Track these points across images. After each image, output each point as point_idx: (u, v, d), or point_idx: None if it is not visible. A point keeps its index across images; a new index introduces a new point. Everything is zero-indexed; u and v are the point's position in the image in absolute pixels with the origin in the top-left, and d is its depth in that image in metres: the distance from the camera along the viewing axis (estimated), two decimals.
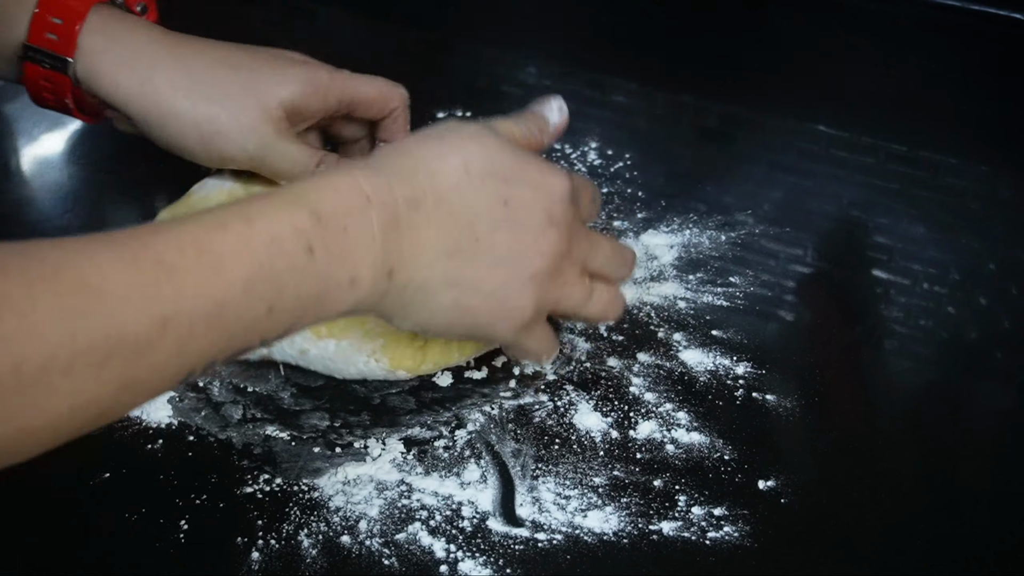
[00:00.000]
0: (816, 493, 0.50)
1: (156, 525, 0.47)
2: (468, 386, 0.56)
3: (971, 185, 0.72)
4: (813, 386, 0.56)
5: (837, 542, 0.49)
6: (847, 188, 0.71)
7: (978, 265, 0.65)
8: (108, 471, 0.50)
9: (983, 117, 0.79)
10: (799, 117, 0.77)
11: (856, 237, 0.68)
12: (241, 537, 0.47)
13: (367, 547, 0.47)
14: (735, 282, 0.63)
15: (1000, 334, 0.61)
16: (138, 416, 0.53)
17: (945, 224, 0.68)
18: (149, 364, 0.36)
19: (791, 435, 0.54)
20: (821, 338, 0.61)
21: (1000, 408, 0.58)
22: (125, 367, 0.35)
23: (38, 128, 0.75)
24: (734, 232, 0.67)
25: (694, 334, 0.59)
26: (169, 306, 0.36)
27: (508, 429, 0.53)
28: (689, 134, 0.80)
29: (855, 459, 0.53)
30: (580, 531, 0.48)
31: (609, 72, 0.83)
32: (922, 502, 0.51)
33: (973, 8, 0.85)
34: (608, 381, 0.56)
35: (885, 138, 0.75)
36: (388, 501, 0.49)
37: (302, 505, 0.49)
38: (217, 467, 0.51)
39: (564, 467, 0.51)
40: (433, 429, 0.53)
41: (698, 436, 0.53)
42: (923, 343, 0.61)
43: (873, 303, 0.63)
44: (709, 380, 0.56)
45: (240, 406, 0.54)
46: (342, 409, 0.54)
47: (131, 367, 0.36)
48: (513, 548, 0.47)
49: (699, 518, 0.49)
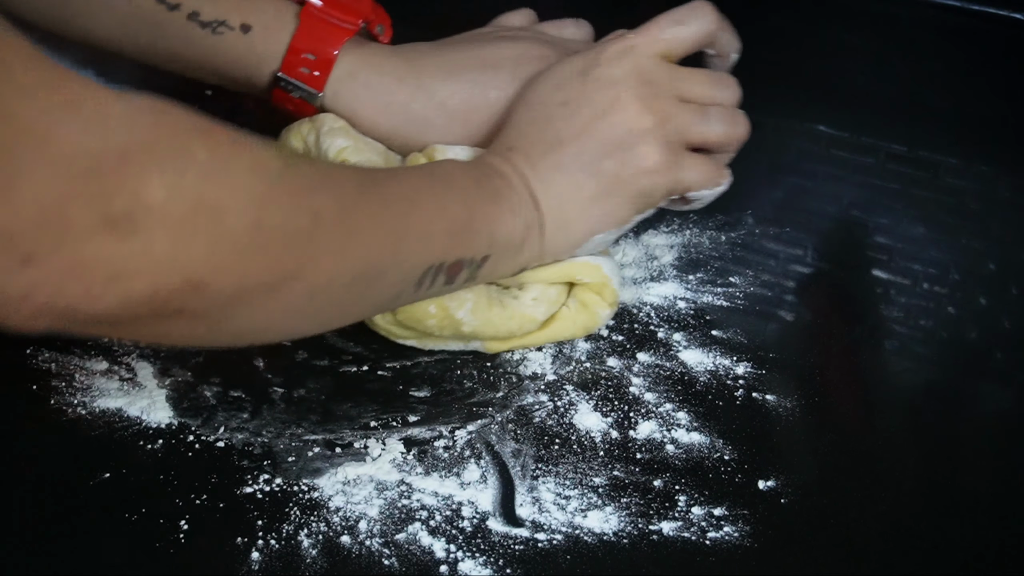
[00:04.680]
0: (816, 493, 0.50)
1: (156, 525, 0.47)
2: (468, 386, 0.56)
3: (971, 185, 0.72)
4: (813, 386, 0.56)
5: (837, 542, 0.49)
6: (847, 188, 0.71)
7: (978, 265, 0.65)
8: (108, 471, 0.50)
9: (983, 117, 0.79)
10: (799, 117, 0.77)
11: (856, 237, 0.68)
12: (241, 537, 0.47)
13: (367, 547, 0.47)
14: (735, 282, 0.63)
15: (1000, 334, 0.61)
16: (138, 416, 0.53)
17: (945, 224, 0.68)
18: (403, 241, 0.46)
19: (791, 435, 0.54)
20: (821, 338, 0.61)
21: (1000, 408, 0.58)
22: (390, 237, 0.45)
23: None
24: (734, 232, 0.67)
25: (694, 334, 0.59)
26: (410, 190, 0.48)
27: (508, 429, 0.53)
28: None
29: (855, 459, 0.53)
30: (580, 531, 0.48)
31: None
32: (922, 502, 0.51)
33: (973, 8, 0.85)
34: (608, 381, 0.56)
35: (885, 138, 0.75)
36: (388, 501, 0.49)
37: (302, 505, 0.49)
38: (217, 467, 0.51)
39: (564, 467, 0.51)
40: (433, 429, 0.53)
41: (698, 436, 0.53)
42: (923, 343, 0.61)
43: (873, 303, 0.63)
44: (709, 380, 0.56)
45: (240, 406, 0.54)
46: (342, 409, 0.54)
47: (392, 238, 0.46)
48: (513, 548, 0.47)
49: (699, 518, 0.49)
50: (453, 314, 0.53)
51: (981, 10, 0.85)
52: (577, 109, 0.53)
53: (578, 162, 0.52)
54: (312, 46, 0.56)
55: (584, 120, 0.52)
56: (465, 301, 0.53)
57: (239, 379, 0.55)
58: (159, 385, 0.54)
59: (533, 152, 0.53)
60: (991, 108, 0.79)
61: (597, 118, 0.52)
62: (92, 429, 0.52)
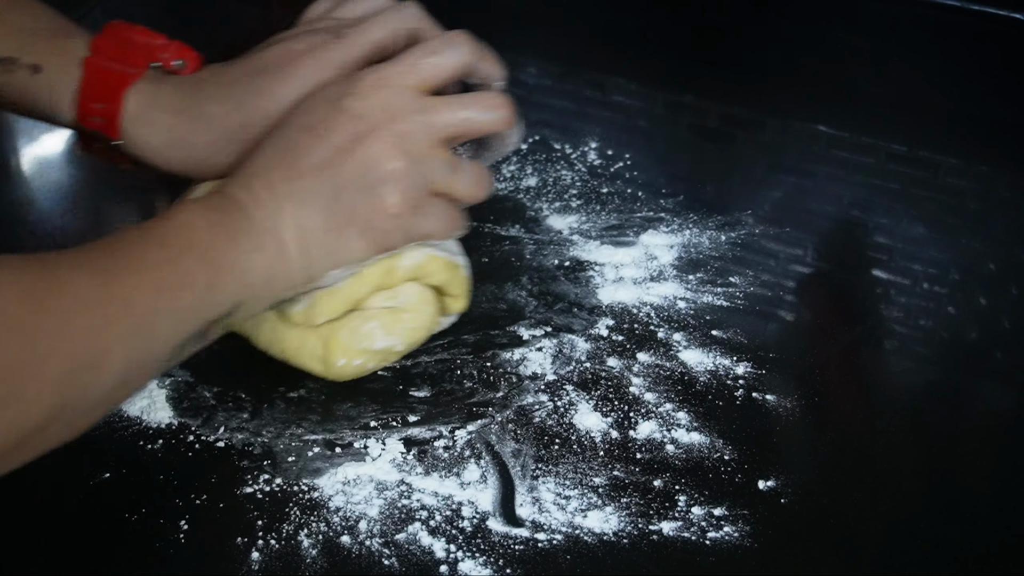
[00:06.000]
0: (816, 493, 0.50)
1: (156, 525, 0.48)
2: (468, 386, 0.56)
3: (971, 185, 0.72)
4: (813, 386, 0.56)
5: (837, 542, 0.49)
6: (847, 188, 0.71)
7: (978, 265, 0.65)
8: (108, 471, 0.50)
9: (983, 117, 0.79)
10: (799, 117, 0.77)
11: (856, 237, 0.68)
12: (241, 537, 0.47)
13: (367, 547, 0.47)
14: (735, 282, 0.63)
15: (1000, 334, 0.61)
16: (138, 416, 0.53)
17: (945, 224, 0.68)
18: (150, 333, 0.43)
19: (791, 435, 0.54)
20: (821, 338, 0.61)
21: (1000, 408, 0.58)
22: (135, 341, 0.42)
23: (38, 128, 0.75)
24: (734, 232, 0.67)
25: (694, 334, 0.59)
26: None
27: (508, 429, 0.53)
28: (689, 134, 0.80)
29: (855, 459, 0.53)
30: (580, 531, 0.48)
31: (609, 72, 0.83)
32: (922, 502, 0.51)
33: (973, 8, 0.85)
34: (608, 381, 0.56)
35: (885, 138, 0.75)
36: (388, 501, 0.49)
37: (302, 505, 0.49)
38: (217, 467, 0.51)
39: (564, 467, 0.51)
40: (433, 429, 0.53)
41: (698, 436, 0.53)
42: (923, 343, 0.61)
43: (873, 303, 0.63)
44: (709, 380, 0.56)
45: (240, 406, 0.54)
46: (342, 409, 0.54)
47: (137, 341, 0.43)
48: (513, 548, 0.47)
49: (699, 518, 0.49)
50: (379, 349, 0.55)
51: (981, 10, 0.85)
52: (322, 137, 0.50)
53: (314, 194, 0.49)
54: (100, 95, 0.54)
55: (328, 151, 0.49)
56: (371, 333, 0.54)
57: (239, 379, 0.55)
58: (159, 385, 0.55)
59: (273, 177, 0.49)
60: (991, 108, 0.79)
61: (342, 151, 0.49)
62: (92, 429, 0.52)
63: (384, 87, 0.51)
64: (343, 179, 0.49)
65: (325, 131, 0.50)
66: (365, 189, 0.50)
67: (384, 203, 0.50)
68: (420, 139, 0.51)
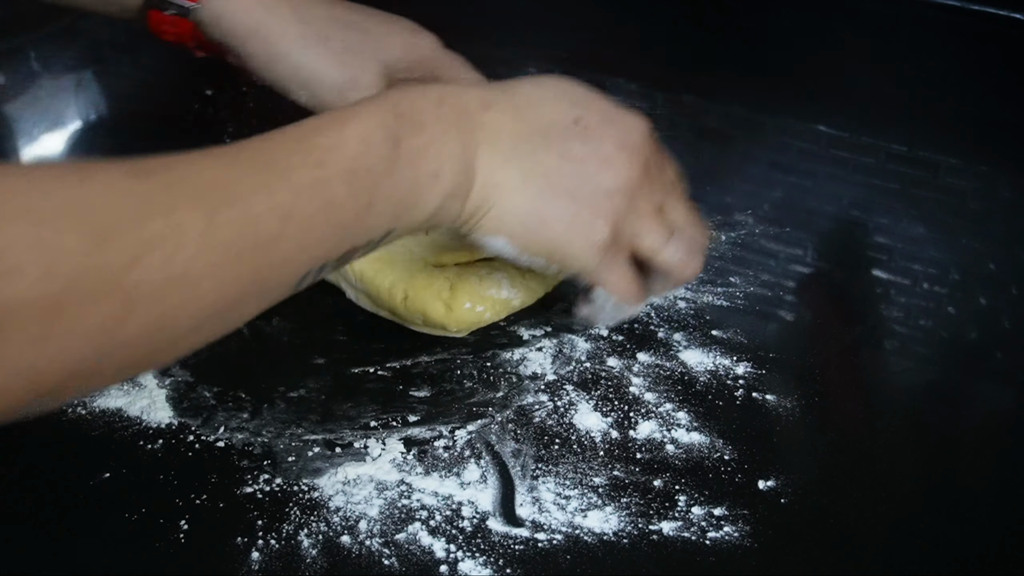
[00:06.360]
0: (816, 493, 0.50)
1: (156, 525, 0.47)
2: (468, 386, 0.56)
3: (971, 185, 0.72)
4: (813, 386, 0.56)
5: (837, 542, 0.49)
6: (847, 188, 0.71)
7: (978, 265, 0.65)
8: (108, 471, 0.50)
9: (983, 117, 0.79)
10: (799, 117, 0.77)
11: (856, 237, 0.68)
12: (241, 537, 0.47)
13: (367, 547, 0.47)
14: (735, 282, 0.63)
15: (1000, 334, 0.61)
16: (138, 416, 0.53)
17: (945, 224, 0.68)
18: (274, 261, 0.39)
19: (791, 435, 0.54)
20: (821, 338, 0.61)
21: (1000, 408, 0.58)
22: (256, 262, 0.38)
23: (38, 128, 0.75)
24: (734, 232, 0.67)
25: (694, 334, 0.59)
26: (287, 201, 0.39)
27: (508, 429, 0.53)
28: (689, 134, 0.80)
29: (855, 459, 0.53)
30: (580, 531, 0.48)
31: (609, 72, 0.83)
32: (922, 502, 0.51)
33: (973, 8, 0.85)
34: (608, 381, 0.56)
35: (885, 138, 0.75)
36: (388, 501, 0.49)
37: (302, 505, 0.49)
38: (217, 467, 0.51)
39: (564, 467, 0.51)
40: (433, 429, 0.53)
41: (698, 436, 0.53)
42: (923, 343, 0.61)
43: (873, 303, 0.63)
44: (709, 380, 0.56)
45: (240, 406, 0.54)
46: (342, 409, 0.54)
47: (261, 263, 0.38)
48: (513, 548, 0.47)
49: (699, 518, 0.49)
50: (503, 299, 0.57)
51: (981, 10, 0.85)
52: (585, 135, 0.48)
53: (542, 174, 0.48)
54: None
55: (582, 151, 0.48)
56: (499, 282, 0.56)
57: (239, 379, 0.55)
58: (159, 385, 0.55)
59: (507, 130, 0.48)
60: (991, 108, 0.79)
61: (596, 158, 0.48)
62: (92, 429, 0.52)
63: (651, 140, 0.51)
64: (574, 180, 0.48)
65: (592, 134, 0.49)
66: (582, 198, 0.48)
67: (590, 230, 0.48)
68: (652, 199, 0.50)
